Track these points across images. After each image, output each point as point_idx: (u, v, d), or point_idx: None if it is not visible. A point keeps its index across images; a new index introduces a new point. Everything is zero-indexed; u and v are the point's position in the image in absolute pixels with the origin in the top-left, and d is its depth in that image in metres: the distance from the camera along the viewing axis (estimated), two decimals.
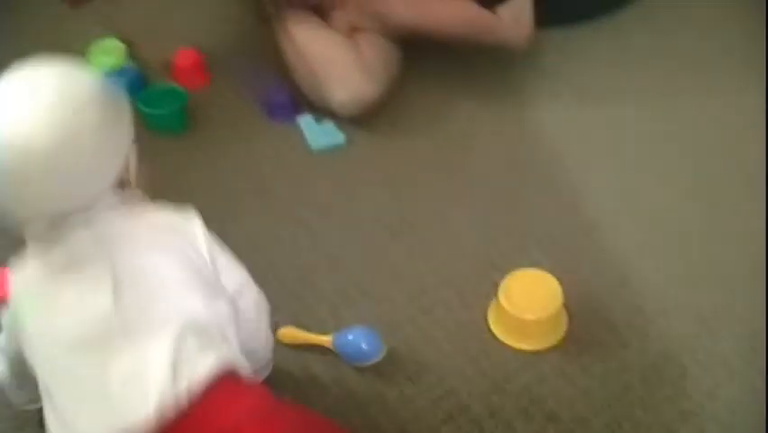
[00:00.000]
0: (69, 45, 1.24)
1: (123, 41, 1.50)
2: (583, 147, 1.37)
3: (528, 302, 1.06)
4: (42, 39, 1.58)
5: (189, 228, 0.85)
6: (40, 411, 0.85)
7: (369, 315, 1.11)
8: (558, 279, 1.08)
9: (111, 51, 1.50)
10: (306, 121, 1.44)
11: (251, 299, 0.92)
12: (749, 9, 1.57)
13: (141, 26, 1.16)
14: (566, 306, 1.08)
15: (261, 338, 0.96)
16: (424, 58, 1.51)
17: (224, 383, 0.76)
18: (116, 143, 0.80)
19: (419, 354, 1.07)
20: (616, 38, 1.58)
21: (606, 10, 1.62)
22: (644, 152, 1.36)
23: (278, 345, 1.04)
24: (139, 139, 0.83)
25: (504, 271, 1.11)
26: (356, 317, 1.11)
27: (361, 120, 1.42)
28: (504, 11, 1.42)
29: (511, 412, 1.01)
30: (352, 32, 1.46)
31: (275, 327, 1.03)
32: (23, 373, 0.86)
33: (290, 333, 1.08)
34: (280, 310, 1.05)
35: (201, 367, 0.75)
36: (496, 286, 1.09)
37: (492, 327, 1.09)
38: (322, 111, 1.43)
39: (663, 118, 1.41)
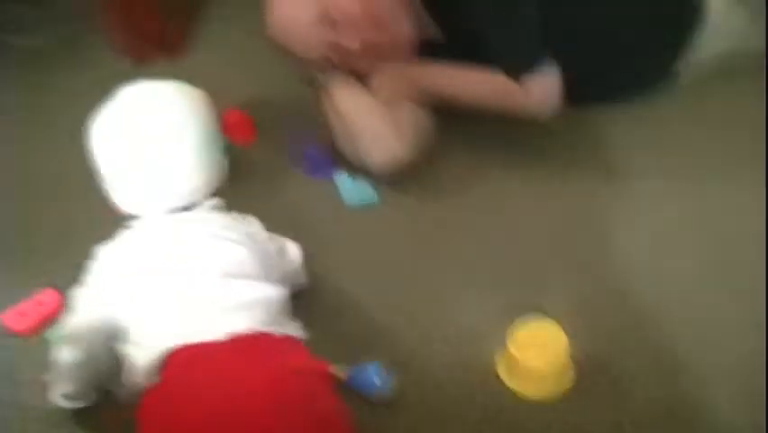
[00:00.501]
0: None
1: None
2: (606, 220, 1.43)
3: (535, 350, 1.11)
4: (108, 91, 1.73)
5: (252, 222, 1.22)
6: (75, 410, 1.08)
7: (382, 354, 1.17)
8: (569, 331, 1.13)
9: None
10: (342, 178, 1.53)
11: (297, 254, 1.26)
12: None
13: (197, 84, 1.28)
14: (574, 359, 1.13)
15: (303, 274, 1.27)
16: (460, 126, 1.60)
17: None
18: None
19: (428, 395, 1.13)
20: (649, 118, 1.64)
21: (640, 92, 1.69)
22: (666, 228, 1.41)
23: None
24: None
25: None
26: (370, 355, 1.17)
27: (393, 180, 1.51)
28: (531, 83, 1.50)
29: None
30: (391, 98, 1.55)
31: None
32: (94, 357, 1.08)
33: None
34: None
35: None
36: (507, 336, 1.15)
37: (501, 373, 1.14)
38: (358, 170, 1.53)
39: (690, 199, 1.46)
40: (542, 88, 1.51)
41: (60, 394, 1.09)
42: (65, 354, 1.07)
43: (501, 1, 1.48)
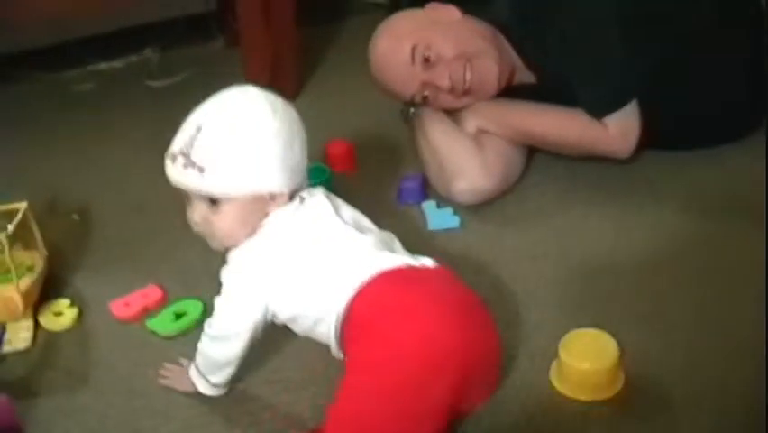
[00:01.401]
0: None
1: None
2: (677, 254, 1.45)
3: (585, 354, 1.15)
4: None
5: None
6: (225, 397, 1.21)
7: None
8: (620, 344, 1.17)
9: None
10: (428, 205, 1.63)
11: None
12: None
13: (305, 117, 1.40)
14: (624, 369, 1.17)
15: None
16: (550, 162, 1.70)
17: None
18: None
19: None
20: (720, 167, 1.67)
21: (713, 142, 1.71)
22: (718, 266, 1.42)
23: None
24: None
25: None
26: None
27: (477, 209, 1.60)
28: (612, 122, 1.56)
29: None
30: (479, 133, 1.65)
31: None
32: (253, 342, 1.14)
33: None
34: None
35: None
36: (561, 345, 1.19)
37: (553, 381, 1.19)
38: (444, 199, 1.62)
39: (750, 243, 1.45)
40: (622, 128, 1.56)
41: (213, 384, 1.19)
42: (229, 346, 1.14)
43: (588, 45, 1.57)
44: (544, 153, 1.72)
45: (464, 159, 1.60)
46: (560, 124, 1.61)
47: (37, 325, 1.39)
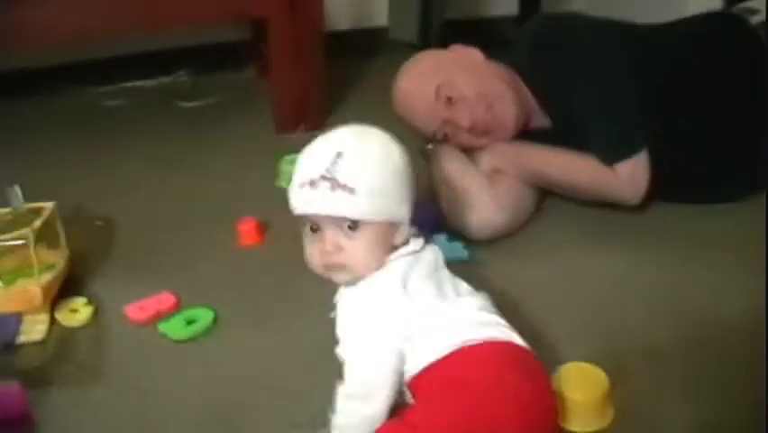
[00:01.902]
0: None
1: None
2: (676, 296, 1.48)
3: (576, 386, 1.19)
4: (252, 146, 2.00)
5: None
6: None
7: None
8: (615, 377, 1.21)
9: None
10: (440, 238, 1.67)
11: None
12: None
13: None
14: (616, 402, 1.20)
15: None
16: (564, 203, 1.75)
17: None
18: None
19: None
20: (730, 221, 1.70)
21: (732, 197, 1.76)
22: (715, 307, 1.45)
23: None
24: None
25: None
26: None
27: (487, 244, 1.64)
28: (622, 169, 1.61)
29: None
30: (494, 172, 1.70)
31: None
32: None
33: None
34: None
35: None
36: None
37: None
38: (456, 233, 1.67)
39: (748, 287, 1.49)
40: (632, 175, 1.61)
41: None
42: (373, 403, 1.07)
43: (600, 93, 1.63)
44: (556, 197, 1.77)
45: (476, 193, 1.65)
46: (571, 168, 1.66)
47: (53, 320, 1.44)
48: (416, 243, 1.15)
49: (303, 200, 1.09)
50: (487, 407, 1.02)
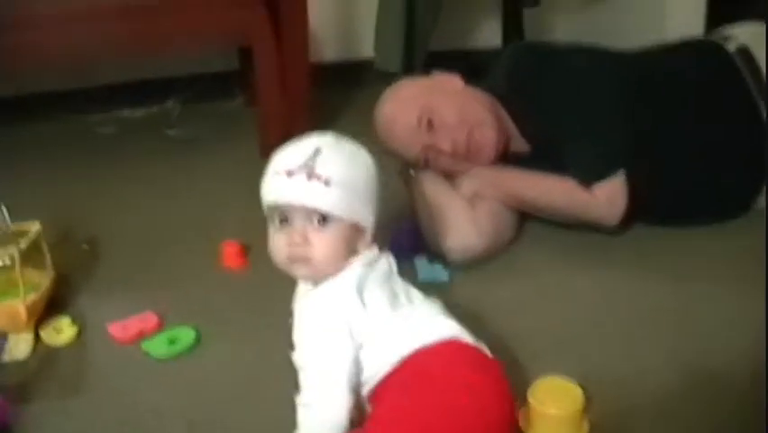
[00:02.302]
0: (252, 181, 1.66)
1: None
2: (655, 313, 1.51)
3: (551, 400, 1.21)
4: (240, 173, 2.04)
5: None
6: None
7: None
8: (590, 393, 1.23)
9: None
10: (419, 260, 1.70)
11: None
12: None
13: None
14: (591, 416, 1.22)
15: None
16: (544, 227, 1.78)
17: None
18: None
19: None
20: (711, 243, 1.72)
21: (718, 219, 1.78)
22: (717, 329, 1.46)
23: None
24: None
25: None
26: None
27: (467, 266, 1.67)
28: (599, 190, 1.64)
29: None
30: (474, 195, 1.73)
31: None
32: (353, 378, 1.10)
33: None
34: None
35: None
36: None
37: (522, 425, 1.24)
38: (436, 256, 1.69)
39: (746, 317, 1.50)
40: (609, 195, 1.64)
41: None
42: (329, 411, 1.08)
43: (577, 115, 1.67)
44: (536, 220, 1.80)
45: (456, 217, 1.68)
46: (549, 190, 1.69)
47: (38, 339, 1.46)
48: (372, 251, 1.18)
49: (278, 188, 1.12)
50: (444, 403, 1.05)
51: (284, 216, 1.13)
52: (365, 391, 1.13)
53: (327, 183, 1.10)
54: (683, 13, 2.46)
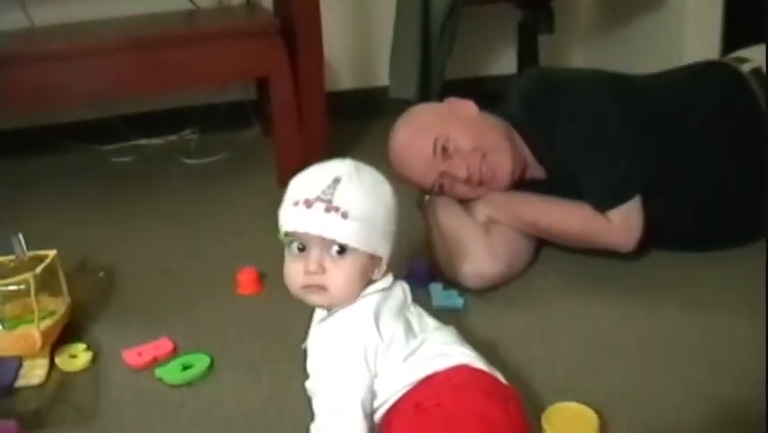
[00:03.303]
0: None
1: None
2: (670, 341, 1.50)
3: (566, 427, 1.20)
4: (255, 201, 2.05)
5: None
6: None
7: None
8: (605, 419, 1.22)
9: None
10: (434, 286, 1.70)
11: None
12: None
13: None
14: None
15: None
16: (559, 254, 1.78)
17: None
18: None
19: None
20: (727, 269, 1.71)
21: (730, 245, 1.77)
22: (728, 358, 1.45)
23: None
24: None
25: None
26: None
27: (481, 292, 1.66)
28: (615, 215, 1.63)
29: None
30: (489, 221, 1.73)
31: None
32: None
33: None
34: None
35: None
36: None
37: None
38: (451, 283, 1.69)
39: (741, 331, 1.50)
40: (625, 222, 1.63)
41: None
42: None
43: (593, 141, 1.67)
44: (551, 246, 1.80)
45: (471, 244, 1.68)
46: (564, 216, 1.69)
47: (53, 365, 1.47)
48: (387, 279, 1.17)
49: (296, 218, 1.11)
50: (455, 428, 1.04)
51: (301, 244, 1.12)
52: (377, 417, 1.12)
53: (345, 216, 1.09)
54: (700, 38, 2.47)
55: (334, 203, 1.09)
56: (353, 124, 2.62)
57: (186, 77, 2.24)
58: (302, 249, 1.12)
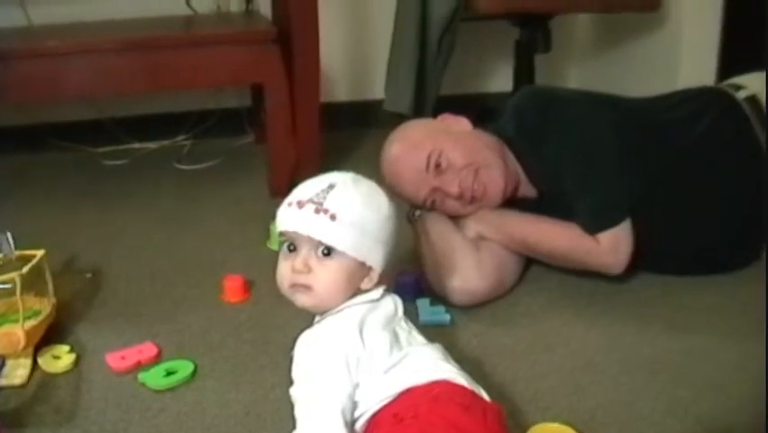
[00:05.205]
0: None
1: None
2: (655, 362, 1.49)
3: None
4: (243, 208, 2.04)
5: None
6: None
7: None
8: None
9: None
10: (422, 301, 1.69)
11: None
12: None
13: None
14: None
15: None
16: (547, 272, 1.77)
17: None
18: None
19: None
20: (715, 294, 1.72)
21: (707, 270, 1.78)
22: (720, 378, 1.45)
23: None
24: None
25: None
26: None
27: (468, 309, 1.66)
28: (604, 238, 1.63)
29: None
30: (478, 238, 1.73)
31: None
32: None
33: None
34: None
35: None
36: None
37: None
38: (439, 298, 1.69)
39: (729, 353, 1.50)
40: (614, 243, 1.64)
41: None
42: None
43: (584, 163, 1.67)
44: (539, 265, 1.80)
45: (460, 259, 1.68)
46: (553, 235, 1.69)
47: (35, 365, 1.46)
48: (377, 291, 1.19)
49: (287, 218, 1.15)
50: None
51: (293, 244, 1.16)
52: (357, 427, 1.12)
53: (333, 218, 1.13)
54: (696, 60, 2.49)
55: (325, 205, 1.13)
56: (347, 136, 2.63)
57: (180, 79, 2.23)
58: (293, 249, 1.16)
